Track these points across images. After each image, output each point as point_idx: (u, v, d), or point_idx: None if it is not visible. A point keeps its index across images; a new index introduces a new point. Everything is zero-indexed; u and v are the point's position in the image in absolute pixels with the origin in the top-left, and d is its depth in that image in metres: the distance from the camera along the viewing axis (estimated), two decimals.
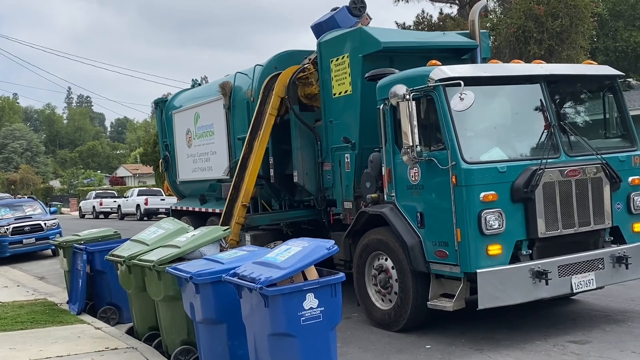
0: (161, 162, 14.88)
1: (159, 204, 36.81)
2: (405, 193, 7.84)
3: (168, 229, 7.94)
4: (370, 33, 8.94)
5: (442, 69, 7.46)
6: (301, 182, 10.06)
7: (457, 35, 9.77)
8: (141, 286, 7.29)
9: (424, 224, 7.59)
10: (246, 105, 11.22)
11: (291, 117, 10.20)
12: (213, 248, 7.04)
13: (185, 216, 13.54)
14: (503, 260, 7.15)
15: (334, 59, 9.47)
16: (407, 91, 7.32)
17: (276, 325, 4.93)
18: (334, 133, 9.58)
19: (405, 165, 7.71)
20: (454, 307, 7.25)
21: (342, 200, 9.44)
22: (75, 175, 76.14)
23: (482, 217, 7.02)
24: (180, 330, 6.77)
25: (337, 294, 5.09)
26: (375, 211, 8.19)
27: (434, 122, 7.50)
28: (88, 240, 9.78)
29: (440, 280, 7.63)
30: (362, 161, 9.07)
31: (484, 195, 7.07)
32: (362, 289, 8.52)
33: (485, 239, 7.06)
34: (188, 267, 6.06)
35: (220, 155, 12.22)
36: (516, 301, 7.16)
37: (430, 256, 7.51)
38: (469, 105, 6.90)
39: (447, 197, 7.23)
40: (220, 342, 5.84)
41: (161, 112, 14.78)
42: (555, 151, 7.52)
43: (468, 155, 7.16)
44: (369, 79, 8.56)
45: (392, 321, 8.02)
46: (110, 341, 7.83)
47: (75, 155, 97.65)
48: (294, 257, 5.15)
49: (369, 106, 8.90)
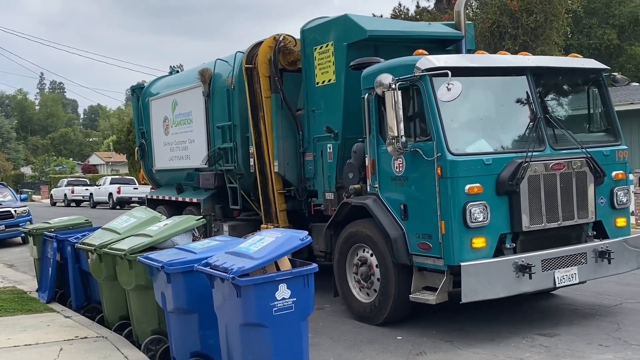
0: (137, 150, 14.51)
1: (132, 193, 36.44)
2: (389, 184, 7.64)
3: (140, 217, 7.82)
4: (356, 21, 8.69)
5: (428, 58, 7.26)
6: (282, 172, 9.82)
7: (442, 26, 9.58)
8: (112, 275, 7.18)
9: (407, 216, 7.41)
10: (226, 93, 10.92)
11: (273, 102, 9.89)
12: (186, 237, 6.94)
13: (161, 205, 13.25)
14: (487, 254, 7.01)
15: (318, 47, 9.21)
16: (392, 80, 7.12)
17: (248, 316, 4.88)
18: (316, 123, 9.34)
19: (390, 156, 7.52)
20: (437, 300, 7.09)
21: (323, 191, 9.22)
22: (47, 162, 74.95)
23: (466, 209, 6.86)
24: (151, 320, 6.69)
25: (310, 285, 5.04)
26: (358, 202, 7.99)
27: (420, 113, 7.31)
28: (59, 228, 9.57)
29: (422, 273, 7.46)
30: (344, 152, 8.85)
31: (469, 187, 6.91)
32: (343, 282, 8.33)
33: (470, 231, 6.91)
34: (160, 257, 5.97)
35: (198, 143, 11.90)
36: (499, 295, 7.01)
37: (414, 249, 7.34)
38: (457, 95, 6.72)
39: (431, 189, 7.05)
40: (192, 332, 5.78)
41: (138, 98, 14.39)
42: (540, 144, 7.38)
43: (454, 147, 6.98)
44: (354, 67, 8.34)
45: (373, 314, 7.85)
46: (80, 330, 7.69)
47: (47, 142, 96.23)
48: (267, 247, 5.08)
49: (352, 96, 8.68)
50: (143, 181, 14.69)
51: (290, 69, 9.97)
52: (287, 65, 9.95)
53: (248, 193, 11.00)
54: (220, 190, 11.41)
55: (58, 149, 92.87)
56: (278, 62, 9.80)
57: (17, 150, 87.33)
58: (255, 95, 10.07)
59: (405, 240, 7.42)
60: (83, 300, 8.80)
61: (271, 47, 9.91)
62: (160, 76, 14.38)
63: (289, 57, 9.93)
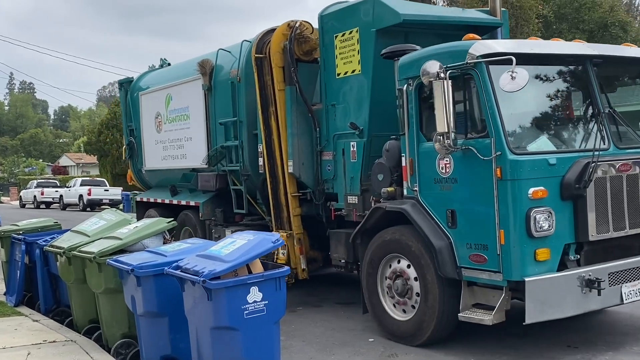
0: (125, 148, 13.20)
1: (103, 195, 36.01)
2: (432, 187, 6.66)
3: (110, 220, 7.66)
4: (387, 4, 7.70)
5: (484, 43, 6.32)
6: (297, 173, 8.77)
7: (477, 12, 8.62)
8: (81, 278, 7.03)
9: (455, 223, 6.43)
10: (231, 86, 9.80)
11: (287, 99, 8.85)
12: (156, 240, 6.83)
13: (153, 209, 12.04)
14: (551, 267, 6.09)
15: (339, 35, 8.20)
16: (441, 68, 6.15)
17: (219, 319, 4.79)
18: (336, 118, 8.33)
19: (432, 155, 6.57)
20: (494, 320, 6.11)
21: (345, 194, 8.18)
22: (16, 163, 72.90)
23: (530, 216, 5.93)
24: (121, 323, 6.56)
25: (282, 288, 4.98)
26: (394, 207, 6.99)
27: (473, 106, 6.36)
28: (27, 231, 9.31)
29: (472, 289, 6.50)
30: (371, 150, 7.86)
31: (534, 191, 5.97)
32: (373, 296, 7.32)
33: (534, 242, 5.97)
34: (130, 259, 5.86)
35: (196, 141, 10.74)
36: (566, 314, 6.09)
37: (464, 261, 6.37)
38: (523, 85, 5.76)
39: (487, 192, 6.09)
40: (162, 336, 5.67)
41: (126, 93, 13.06)
42: (603, 142, 6.47)
43: (515, 145, 6.04)
44: (386, 56, 7.35)
45: (412, 334, 6.86)
46: (48, 334, 7.48)
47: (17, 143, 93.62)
48: (238, 250, 4.99)
49: (381, 88, 7.75)
50: (131, 182, 13.42)
51: (305, 59, 8.96)
52: (302, 54, 8.93)
53: (253, 196, 9.92)
54: (221, 192, 10.30)
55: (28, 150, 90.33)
56: (294, 51, 8.76)
57: None
58: (266, 88, 9.02)
59: (452, 250, 6.45)
60: (52, 303, 8.59)
61: (285, 35, 8.89)
62: (151, 69, 13.20)
63: (304, 46, 8.92)
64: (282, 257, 8.77)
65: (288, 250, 8.82)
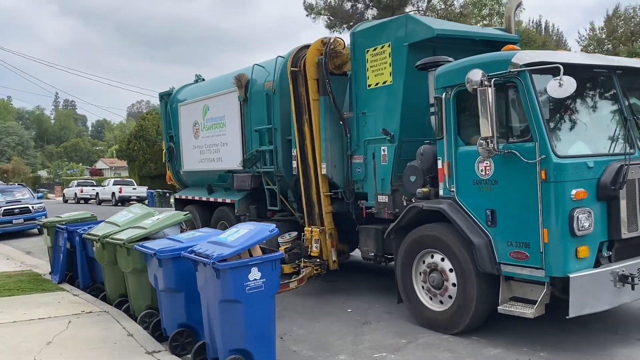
0: (165, 152, 12.02)
1: (131, 192, 35.07)
2: (471, 188, 5.67)
3: (137, 213, 7.49)
4: (421, 20, 6.73)
5: (527, 53, 5.36)
6: (329, 174, 7.73)
7: (495, 30, 7.65)
8: (113, 260, 6.87)
9: (495, 222, 5.45)
10: (265, 97, 8.74)
11: (321, 105, 7.81)
12: (175, 229, 6.73)
13: (190, 205, 10.89)
14: (589, 264, 5.14)
15: (371, 49, 7.18)
16: (484, 77, 5.17)
17: (225, 293, 4.70)
18: (367, 125, 7.30)
19: (471, 157, 5.60)
20: (535, 313, 5.15)
21: (375, 193, 7.17)
22: (60, 166, 71.12)
23: (573, 216, 4.98)
24: (146, 297, 6.45)
25: (277, 268, 4.88)
26: (431, 206, 5.98)
27: (515, 112, 5.37)
28: (69, 221, 9.07)
29: (508, 283, 5.51)
30: (401, 154, 6.86)
31: (576, 192, 5.02)
32: (409, 287, 6.32)
33: (575, 240, 5.03)
34: (153, 245, 5.75)
35: (232, 146, 9.65)
36: (603, 308, 5.17)
37: (504, 257, 5.38)
38: (571, 91, 4.83)
39: (531, 194, 5.12)
40: (179, 307, 5.59)
41: (166, 104, 11.91)
42: (630, 147, 5.53)
43: (557, 149, 5.07)
44: (420, 67, 6.37)
45: (449, 323, 5.87)
46: (85, 306, 7.40)
47: (61, 150, 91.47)
48: (241, 237, 4.91)
49: (411, 97, 6.77)
50: (170, 182, 12.24)
51: (336, 72, 7.92)
52: (334, 68, 7.89)
53: (284, 194, 8.86)
54: (255, 191, 9.22)
55: (70, 155, 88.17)
56: (328, 64, 7.74)
57: (35, 157, 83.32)
58: (300, 98, 7.96)
59: (491, 247, 5.47)
60: (89, 281, 8.45)
61: (320, 50, 7.85)
62: (187, 84, 11.99)
63: (336, 61, 7.89)
64: (315, 251, 7.74)
65: (320, 244, 7.78)
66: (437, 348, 5.52)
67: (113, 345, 5.65)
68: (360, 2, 38.42)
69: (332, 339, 5.99)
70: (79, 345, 5.67)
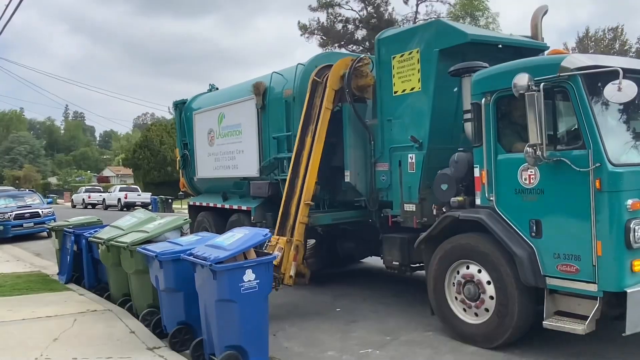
0: (178, 160, 11.38)
1: (136, 198, 35.55)
2: (513, 197, 5.12)
3: (140, 218, 7.47)
4: (453, 25, 6.22)
5: (577, 56, 4.85)
6: (353, 182, 7.17)
7: (522, 37, 7.14)
8: (117, 262, 6.87)
9: (540, 233, 4.90)
10: (285, 104, 8.20)
11: (345, 113, 7.28)
12: (175, 233, 6.73)
13: (204, 212, 10.28)
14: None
15: (397, 56, 6.67)
16: (531, 81, 4.65)
17: (222, 293, 4.71)
18: (392, 132, 6.77)
19: (513, 165, 5.06)
20: (587, 330, 4.59)
21: (401, 202, 6.61)
22: (69, 174, 70.53)
23: (630, 227, 4.43)
24: (147, 297, 6.42)
25: (270, 270, 4.91)
26: (468, 216, 5.42)
27: (565, 118, 4.84)
28: (76, 225, 9.09)
29: (553, 296, 4.94)
30: (429, 162, 6.31)
31: (632, 202, 4.49)
32: (441, 299, 5.76)
33: (632, 253, 4.51)
34: (154, 248, 5.81)
35: (248, 154, 9.06)
36: None
37: (550, 270, 4.83)
38: (632, 96, 4.31)
39: (583, 204, 4.58)
40: (178, 306, 5.60)
41: (180, 112, 11.31)
42: None
43: (612, 156, 4.53)
44: (453, 73, 5.85)
45: (487, 337, 5.30)
46: (90, 304, 7.42)
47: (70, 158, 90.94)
48: (237, 241, 4.93)
49: (440, 103, 6.22)
50: (183, 189, 11.61)
51: (356, 94, 7.34)
52: (356, 89, 7.33)
53: None
54: (271, 198, 8.63)
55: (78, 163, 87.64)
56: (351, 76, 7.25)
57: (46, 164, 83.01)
58: (313, 108, 7.39)
59: (534, 259, 4.91)
60: (94, 281, 8.45)
61: (347, 64, 7.37)
62: (200, 93, 11.42)
63: (359, 81, 7.32)
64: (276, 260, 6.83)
65: (283, 254, 6.98)
66: (420, 345, 5.54)
67: (116, 341, 5.68)
68: (350, 23, 38.34)
69: (321, 336, 6.01)
70: (83, 341, 5.69)
